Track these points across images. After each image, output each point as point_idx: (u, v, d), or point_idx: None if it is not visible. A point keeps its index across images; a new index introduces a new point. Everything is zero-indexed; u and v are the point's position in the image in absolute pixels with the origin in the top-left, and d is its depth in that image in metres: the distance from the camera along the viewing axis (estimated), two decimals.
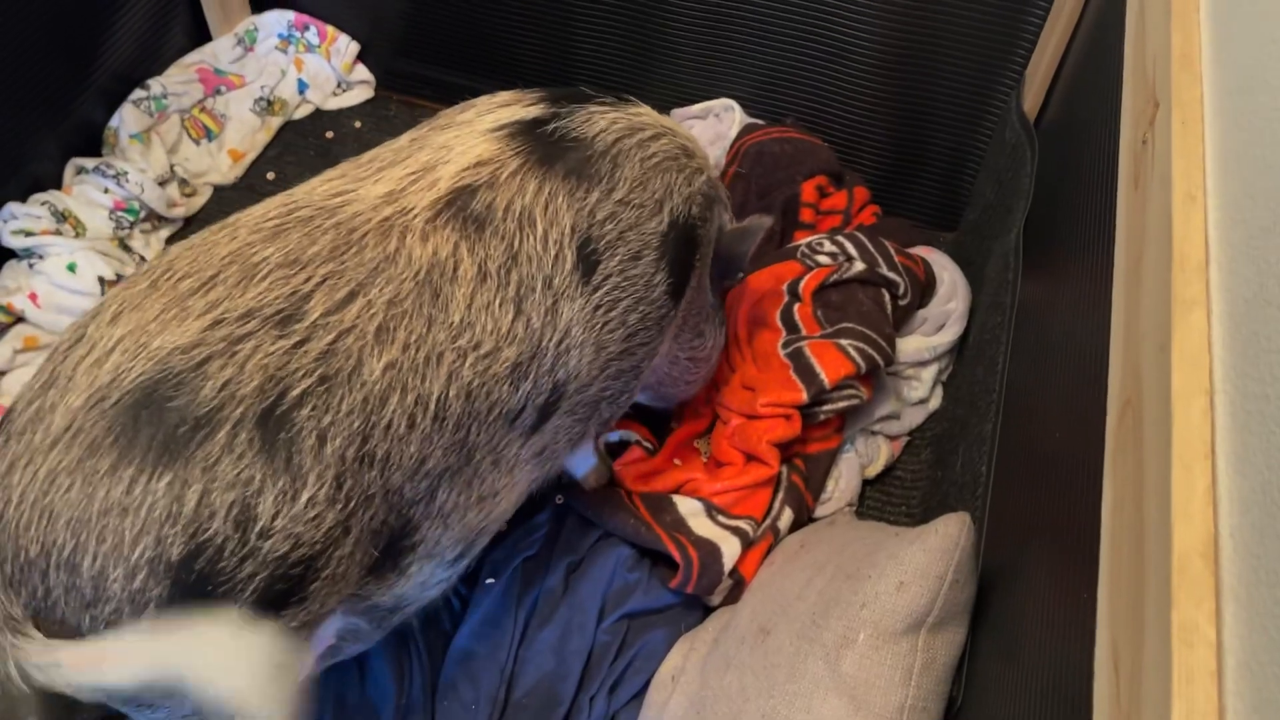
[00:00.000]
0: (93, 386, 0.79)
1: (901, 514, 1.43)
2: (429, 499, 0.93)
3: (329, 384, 0.83)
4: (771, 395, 1.34)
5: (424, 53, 1.87)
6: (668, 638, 1.24)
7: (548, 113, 1.03)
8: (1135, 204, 0.73)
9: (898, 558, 0.98)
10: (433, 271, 0.90)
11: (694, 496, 1.32)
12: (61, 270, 1.44)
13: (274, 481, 0.80)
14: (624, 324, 1.05)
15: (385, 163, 0.98)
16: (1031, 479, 0.95)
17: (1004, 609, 0.93)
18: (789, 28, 1.62)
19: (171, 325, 0.81)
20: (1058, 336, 0.96)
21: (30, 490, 0.77)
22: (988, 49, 1.53)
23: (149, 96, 1.68)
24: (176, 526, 0.76)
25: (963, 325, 1.50)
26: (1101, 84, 1.06)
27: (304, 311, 0.84)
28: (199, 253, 0.87)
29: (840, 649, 0.97)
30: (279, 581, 0.81)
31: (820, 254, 1.49)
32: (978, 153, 1.65)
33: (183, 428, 0.78)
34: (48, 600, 0.78)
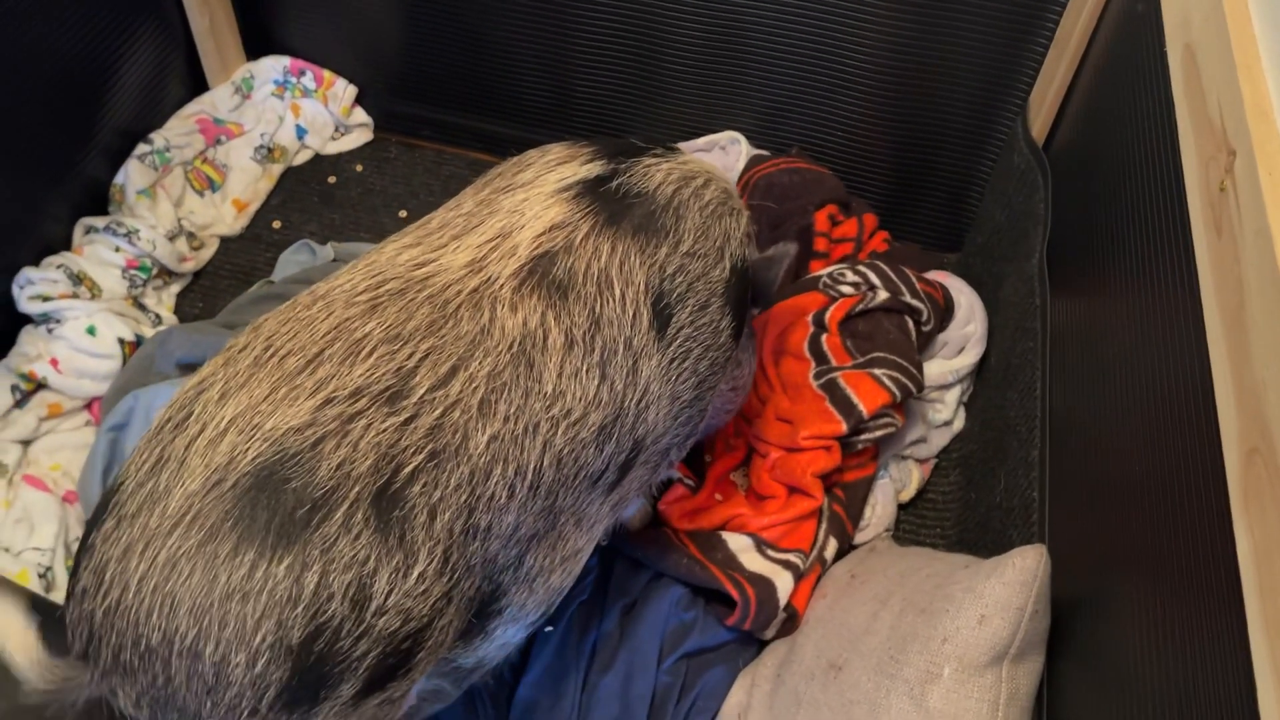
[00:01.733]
0: (209, 469, 0.79)
1: (936, 536, 1.46)
2: (518, 565, 0.94)
3: (438, 459, 0.83)
4: (812, 428, 1.36)
5: (422, 94, 1.87)
6: (727, 675, 1.26)
7: (608, 169, 1.04)
8: (1224, 252, 0.77)
9: (975, 591, 1.00)
10: (525, 342, 0.90)
11: (742, 532, 1.34)
12: (81, 334, 1.42)
13: (389, 560, 0.80)
14: (695, 372, 1.06)
15: (459, 229, 0.97)
16: (1102, 506, 0.98)
17: (1086, 634, 0.96)
18: (791, 58, 1.65)
19: (283, 405, 0.81)
20: (1118, 366, 0.99)
21: (150, 576, 0.77)
22: (989, 76, 1.58)
23: (152, 150, 1.65)
24: (297, 609, 0.77)
25: (983, 347, 1.54)
26: (1136, 121, 1.09)
27: (411, 387, 0.84)
28: (298, 328, 0.87)
29: (925, 684, 0.99)
30: (390, 656, 0.82)
31: (844, 284, 1.52)
32: (982, 176, 1.69)
33: (301, 510, 0.78)
34: (168, 688, 0.78)
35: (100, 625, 0.79)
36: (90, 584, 0.80)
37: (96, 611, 0.79)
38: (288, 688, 0.78)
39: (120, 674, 0.79)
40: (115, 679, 0.80)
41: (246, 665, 0.76)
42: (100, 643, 0.79)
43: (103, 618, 0.79)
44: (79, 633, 0.81)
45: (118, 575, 0.78)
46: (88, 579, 0.80)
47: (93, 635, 0.80)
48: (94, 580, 0.80)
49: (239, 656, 0.76)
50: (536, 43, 1.74)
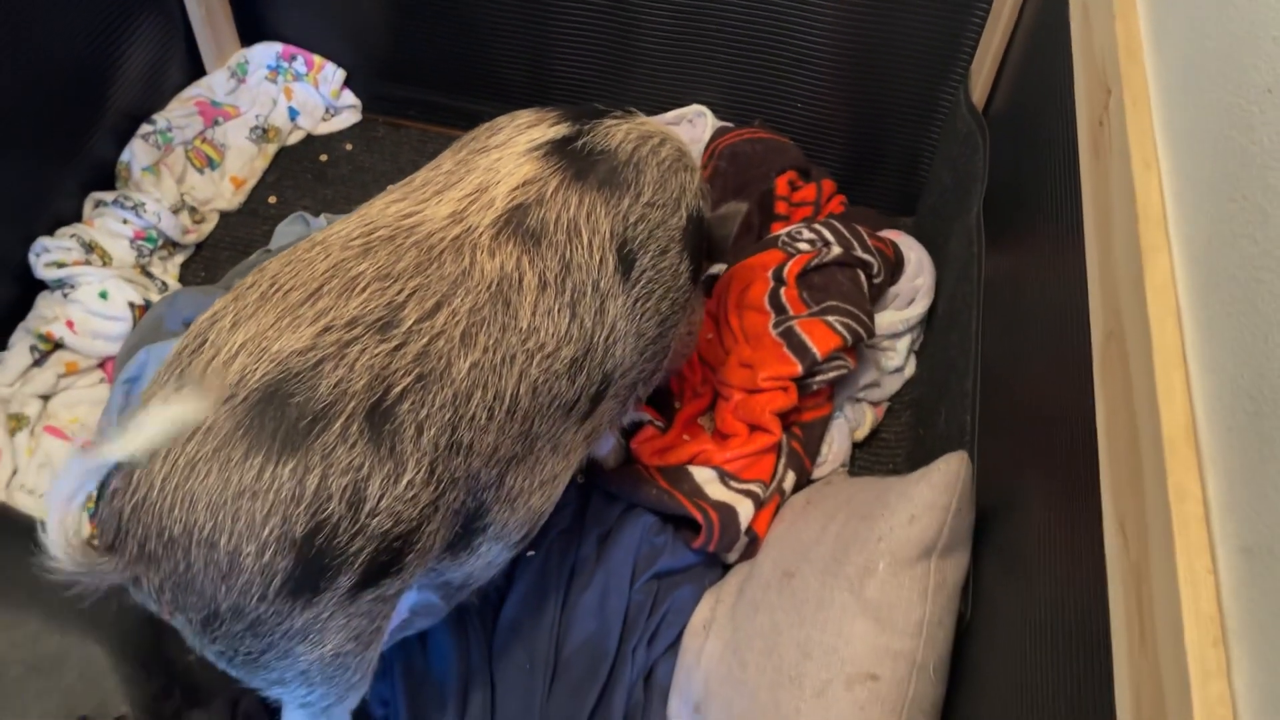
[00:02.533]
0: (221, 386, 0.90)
1: (889, 471, 1.58)
2: (499, 484, 1.04)
3: (425, 382, 0.93)
4: (769, 370, 1.48)
5: (407, 76, 1.99)
6: (694, 593, 1.38)
7: (573, 130, 1.14)
8: (1098, 173, 0.89)
9: (907, 495, 1.12)
10: (502, 283, 1.01)
11: (707, 465, 1.46)
12: (94, 298, 1.53)
13: (380, 467, 0.90)
14: (658, 311, 1.18)
15: (440, 186, 1.08)
16: (1017, 420, 1.10)
17: (1002, 533, 1.08)
18: (752, 37, 1.77)
19: (287, 332, 0.91)
20: (1031, 296, 1.12)
21: (172, 478, 0.86)
22: (934, 50, 1.70)
23: (155, 130, 1.77)
24: (300, 507, 0.86)
25: (930, 298, 1.66)
26: (1050, 76, 1.22)
27: (400, 319, 0.94)
28: (300, 267, 0.97)
29: (863, 578, 1.11)
30: (382, 554, 0.92)
31: (800, 241, 1.64)
32: (930, 143, 1.81)
33: (303, 421, 0.87)
34: (188, 574, 0.87)
35: (128, 519, 0.88)
36: (119, 485, 0.89)
37: (125, 508, 0.88)
38: (292, 577, 0.87)
39: (145, 562, 0.89)
40: (140, 567, 0.89)
41: (256, 555, 0.86)
42: (128, 535, 0.89)
43: (130, 513, 0.88)
44: (108, 527, 0.90)
45: (144, 476, 0.87)
46: (117, 481, 0.89)
47: (121, 528, 0.89)
48: (122, 482, 0.89)
49: (249, 547, 0.86)
50: (514, 24, 1.86)
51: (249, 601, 0.88)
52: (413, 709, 1.25)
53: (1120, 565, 0.66)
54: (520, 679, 1.28)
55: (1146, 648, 0.60)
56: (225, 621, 0.89)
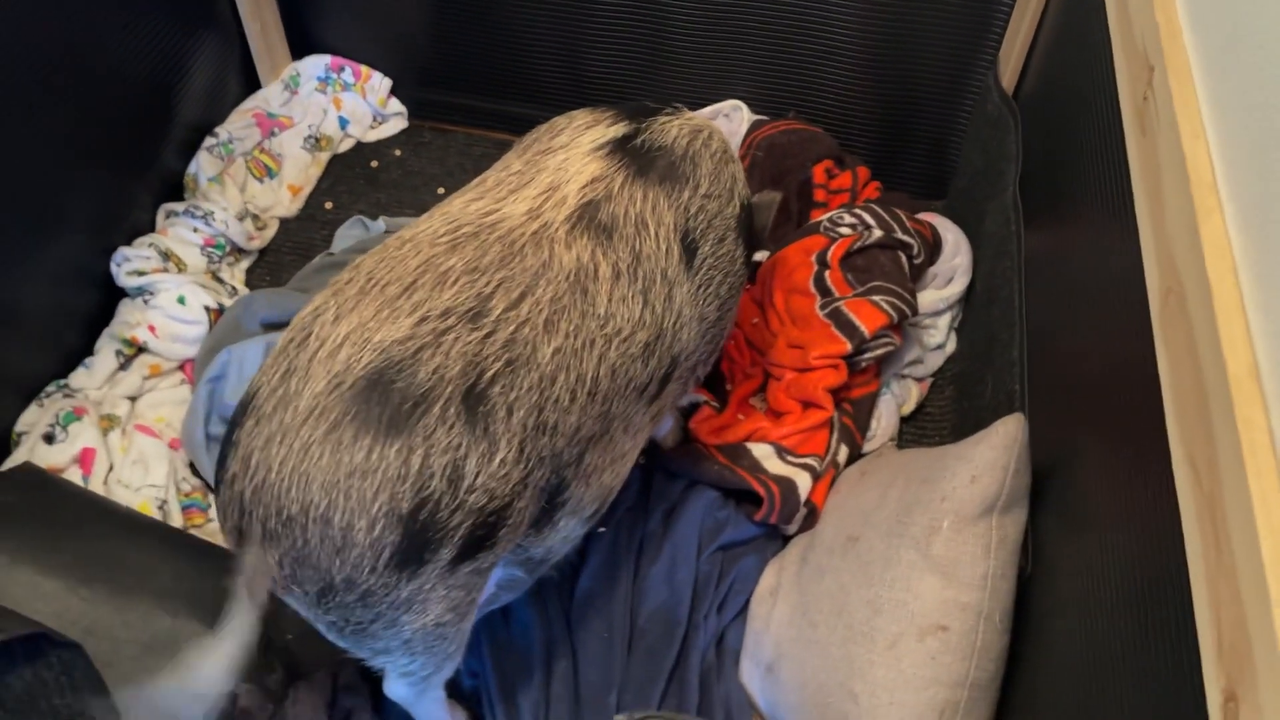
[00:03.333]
0: (330, 374, 0.95)
1: (935, 443, 1.65)
2: (579, 462, 1.10)
3: (514, 366, 1.00)
4: (820, 349, 1.55)
5: (450, 82, 2.06)
6: (758, 563, 1.45)
7: (631, 129, 1.21)
8: (1145, 146, 0.96)
9: (967, 457, 1.19)
10: (579, 274, 1.07)
11: (764, 442, 1.53)
12: (173, 303, 1.61)
13: (476, 447, 0.96)
14: (718, 296, 1.25)
15: (514, 185, 1.14)
16: (1070, 381, 1.17)
17: (1058, 489, 1.15)
18: (784, 31, 1.84)
19: (387, 323, 0.97)
20: (1078, 265, 1.18)
21: (289, 460, 0.93)
22: (962, 37, 1.77)
23: (218, 143, 1.84)
24: (405, 484, 0.93)
25: (968, 277, 1.73)
26: (1084, 58, 1.28)
27: (489, 309, 1.00)
28: (393, 263, 1.03)
29: (928, 537, 1.18)
30: (479, 528, 0.98)
31: (842, 226, 1.71)
32: (959, 128, 1.88)
33: (406, 404, 0.94)
34: (306, 549, 0.94)
35: (250, 501, 0.95)
36: (239, 470, 0.96)
37: (246, 491, 0.95)
38: (399, 550, 0.94)
39: (267, 541, 0.95)
40: (265, 546, 0.96)
41: (367, 529, 0.92)
42: (250, 516, 0.96)
43: (251, 495, 0.95)
44: (230, 511, 0.98)
45: (262, 461, 0.94)
46: (236, 466, 0.96)
47: (244, 510, 0.96)
48: (242, 467, 0.96)
49: (361, 522, 0.92)
50: (551, 28, 1.93)
51: (360, 574, 0.94)
52: (501, 678, 1.32)
53: (1193, 497, 0.73)
54: (600, 646, 1.35)
55: (1224, 569, 0.66)
56: (339, 593, 0.96)
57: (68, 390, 1.56)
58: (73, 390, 1.56)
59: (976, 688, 1.14)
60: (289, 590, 0.98)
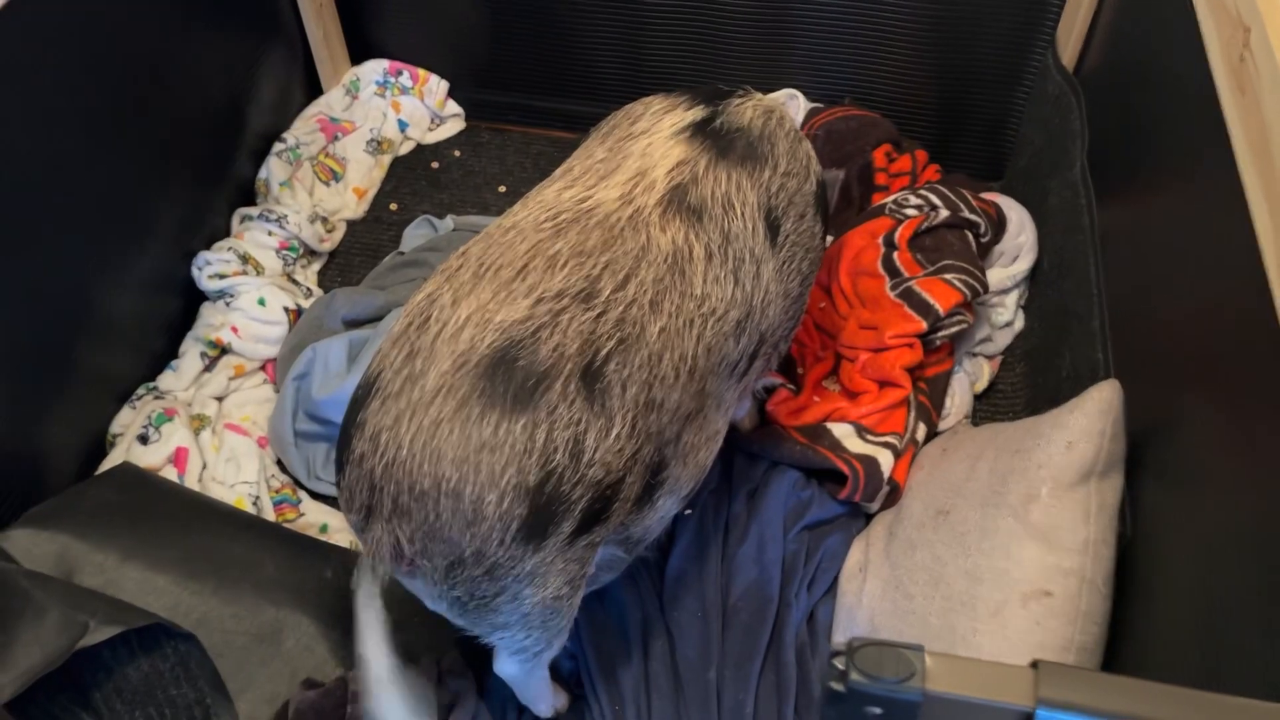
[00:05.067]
0: (455, 354, 0.97)
1: (1009, 419, 1.66)
2: (678, 439, 1.12)
3: (625, 344, 1.02)
4: (895, 328, 1.56)
5: (506, 83, 2.09)
6: (843, 541, 1.46)
7: (708, 112, 1.23)
8: (1245, 106, 0.97)
9: (1062, 424, 1.20)
10: (676, 255, 1.10)
11: (844, 421, 1.54)
12: (254, 304, 1.64)
13: (595, 421, 0.99)
14: (799, 271, 1.27)
15: (603, 172, 1.16)
16: (1166, 347, 1.17)
17: (1158, 453, 1.16)
18: (838, 17, 1.86)
19: (505, 304, 1.00)
20: (1169, 231, 1.19)
21: (419, 436, 0.95)
22: (1017, 18, 1.78)
23: (286, 148, 1.88)
24: (532, 458, 0.95)
25: (1035, 254, 1.74)
26: (1160, 28, 1.30)
27: (598, 289, 1.03)
28: (502, 249, 1.06)
29: (1026, 505, 1.19)
30: (596, 502, 1.01)
31: (908, 207, 1.72)
32: (1017, 108, 1.89)
33: (529, 381, 0.96)
34: (438, 523, 0.96)
35: (381, 478, 0.97)
36: (367, 449, 0.98)
37: (376, 468, 0.97)
38: (526, 523, 0.96)
39: (399, 516, 0.98)
40: (396, 521, 0.98)
41: (497, 503, 0.95)
42: (382, 493, 0.98)
43: (382, 472, 0.97)
44: (359, 490, 1.00)
45: (392, 438, 0.96)
46: (364, 446, 0.98)
47: (374, 487, 0.98)
48: (370, 445, 0.98)
49: (491, 495, 0.95)
50: (604, 24, 1.95)
51: (490, 546, 0.97)
52: (600, 659, 1.34)
53: None
54: (695, 625, 1.37)
55: None
56: (468, 566, 0.98)
57: (157, 392, 1.59)
58: (162, 392, 1.59)
59: (1083, 651, 1.15)
60: (415, 566, 1.01)
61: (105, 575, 1.28)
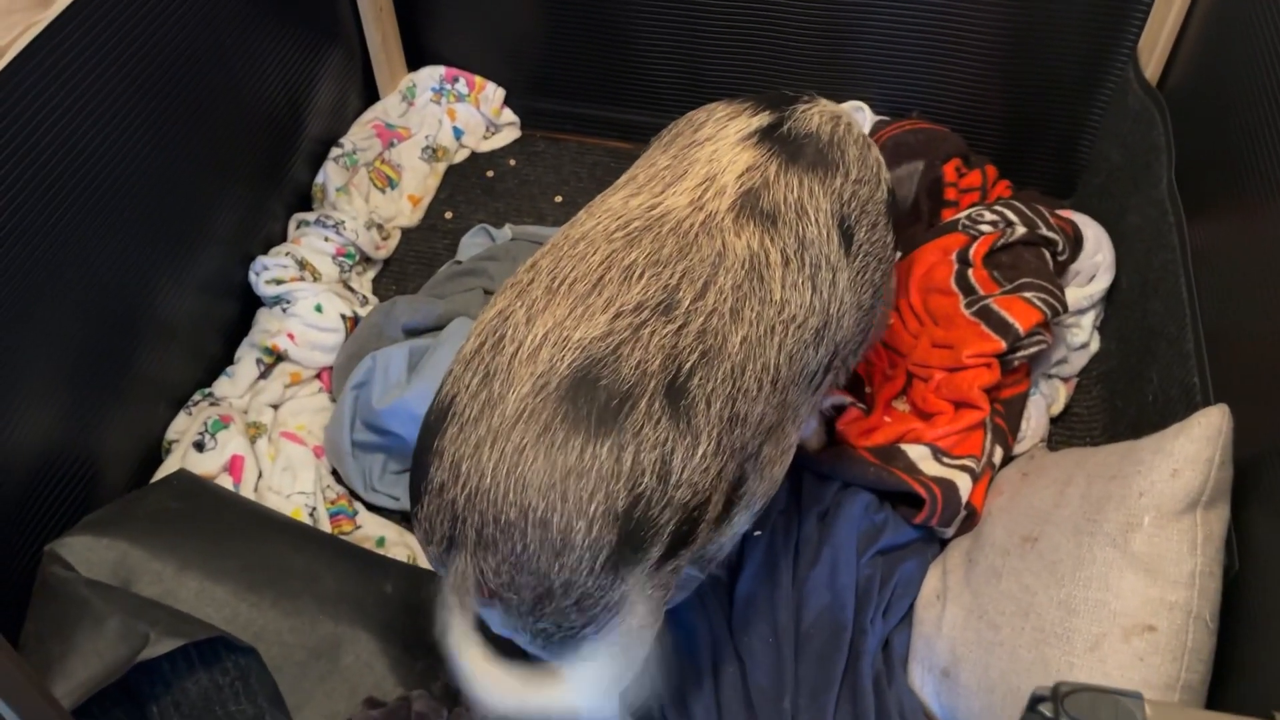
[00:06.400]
0: (534, 376, 0.93)
1: (1086, 443, 1.60)
2: (758, 454, 1.08)
3: (708, 357, 0.98)
4: (973, 348, 1.51)
5: (562, 91, 2.06)
6: (919, 567, 1.41)
7: (775, 117, 1.19)
8: None
9: (1165, 450, 1.14)
10: (753, 261, 1.05)
11: (919, 443, 1.49)
12: (311, 311, 1.60)
13: (681, 440, 0.94)
14: (872, 283, 1.22)
15: (669, 178, 1.12)
16: (1271, 374, 1.12)
17: (1270, 483, 1.10)
18: (907, 28, 1.81)
19: (584, 320, 0.96)
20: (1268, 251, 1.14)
21: (502, 464, 0.91)
22: (1096, 30, 1.72)
23: (343, 153, 1.85)
24: (619, 483, 0.91)
25: (1112, 274, 1.68)
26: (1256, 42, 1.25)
27: (678, 300, 0.98)
28: (574, 261, 1.01)
29: (1126, 533, 1.14)
30: (684, 524, 0.96)
31: (982, 223, 1.67)
32: (1093, 123, 1.84)
33: (612, 402, 0.92)
34: (525, 554, 0.92)
35: (463, 509, 0.93)
36: (447, 478, 0.94)
37: (459, 498, 0.93)
38: (616, 550, 0.92)
39: (483, 547, 0.93)
40: (480, 553, 0.94)
41: (586, 530, 0.90)
42: (464, 524, 0.93)
43: (465, 502, 0.93)
44: (440, 521, 0.95)
45: (474, 467, 0.92)
46: (444, 475, 0.94)
47: (456, 519, 0.94)
48: (450, 474, 0.93)
49: (579, 523, 0.90)
50: (665, 32, 1.91)
51: (579, 576, 0.92)
52: (669, 684, 1.29)
53: None
54: (767, 651, 1.32)
55: None
56: (556, 597, 0.93)
57: (213, 399, 1.56)
58: (217, 399, 1.56)
59: (1188, 690, 1.09)
60: (500, 598, 0.96)
61: (163, 584, 1.24)
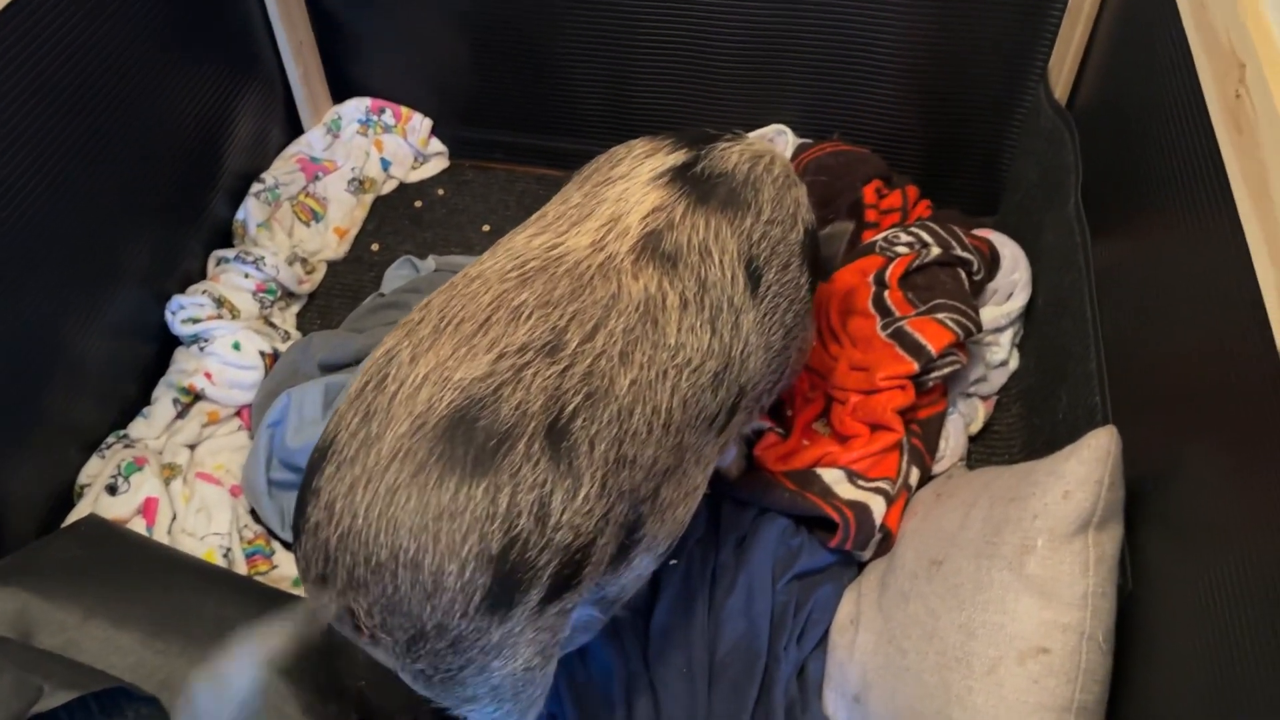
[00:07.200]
0: (412, 415, 0.93)
1: (1005, 461, 1.61)
2: (654, 496, 1.07)
3: (593, 399, 0.98)
4: (886, 370, 1.52)
5: (491, 120, 2.06)
6: (835, 591, 1.41)
7: (691, 156, 1.20)
8: (1243, 144, 0.93)
9: (1058, 473, 1.15)
10: (648, 304, 1.05)
11: (834, 467, 1.50)
12: (228, 349, 1.60)
13: (561, 483, 0.94)
14: (783, 324, 1.22)
15: (575, 218, 1.12)
16: (1166, 393, 1.13)
17: (1160, 503, 1.11)
18: (826, 53, 1.83)
19: (466, 361, 0.95)
20: (1167, 271, 1.15)
21: (375, 505, 0.91)
22: (1009, 52, 1.75)
23: (265, 188, 1.84)
24: (494, 524, 0.90)
25: (1029, 291, 1.70)
26: (1154, 63, 1.26)
27: (565, 342, 0.98)
28: (465, 300, 1.01)
29: (1022, 556, 1.14)
30: (565, 567, 0.96)
31: (899, 245, 1.68)
32: (1010, 142, 1.86)
33: (490, 442, 0.91)
34: (396, 596, 0.91)
35: (336, 549, 0.92)
36: (322, 518, 0.93)
37: (331, 539, 0.92)
38: (490, 592, 0.91)
39: (355, 588, 0.93)
40: (351, 594, 0.93)
41: (458, 573, 0.90)
42: (337, 564, 0.93)
43: (337, 543, 0.92)
44: (315, 560, 0.95)
45: (347, 507, 0.92)
46: (319, 514, 0.94)
47: (329, 559, 0.93)
48: (325, 514, 0.93)
49: (451, 565, 0.90)
50: (592, 61, 1.92)
51: (452, 619, 0.92)
52: (583, 718, 1.29)
53: None
54: (681, 682, 1.32)
55: None
56: (430, 640, 0.93)
57: (127, 440, 1.55)
58: (132, 440, 1.55)
59: (1083, 712, 1.10)
60: (376, 639, 0.95)
61: (66, 634, 1.22)
